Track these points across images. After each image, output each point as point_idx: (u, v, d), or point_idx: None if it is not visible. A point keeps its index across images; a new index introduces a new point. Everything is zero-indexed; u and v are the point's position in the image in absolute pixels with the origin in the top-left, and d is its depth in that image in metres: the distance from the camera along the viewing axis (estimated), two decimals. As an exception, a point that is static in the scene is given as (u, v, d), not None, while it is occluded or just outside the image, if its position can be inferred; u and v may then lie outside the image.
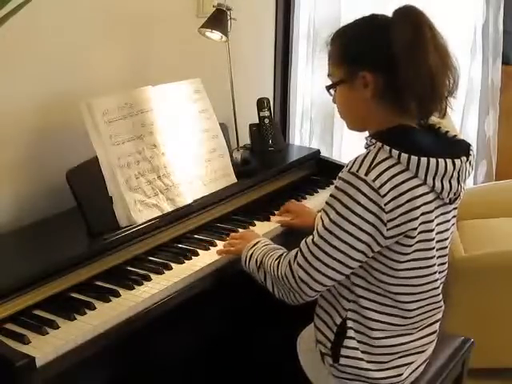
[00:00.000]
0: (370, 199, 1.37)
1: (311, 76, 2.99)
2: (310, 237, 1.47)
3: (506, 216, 2.93)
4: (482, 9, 3.62)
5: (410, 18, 1.44)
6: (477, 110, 3.76)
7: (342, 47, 1.52)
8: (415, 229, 1.41)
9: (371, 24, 1.51)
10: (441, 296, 1.58)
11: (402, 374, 1.57)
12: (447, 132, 1.55)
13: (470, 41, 3.62)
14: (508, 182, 3.11)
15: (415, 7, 1.45)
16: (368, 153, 1.42)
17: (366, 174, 1.38)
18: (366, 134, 1.54)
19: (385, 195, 1.37)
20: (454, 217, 1.56)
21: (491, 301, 2.47)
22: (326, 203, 1.45)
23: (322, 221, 1.45)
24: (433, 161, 1.40)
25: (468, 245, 2.54)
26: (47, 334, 1.41)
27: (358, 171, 1.39)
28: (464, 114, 3.71)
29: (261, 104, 2.51)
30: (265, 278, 1.58)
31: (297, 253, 1.49)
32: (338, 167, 2.29)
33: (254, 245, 1.67)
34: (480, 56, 3.67)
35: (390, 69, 1.42)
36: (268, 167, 2.31)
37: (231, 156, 2.14)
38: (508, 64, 3.82)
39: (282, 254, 1.56)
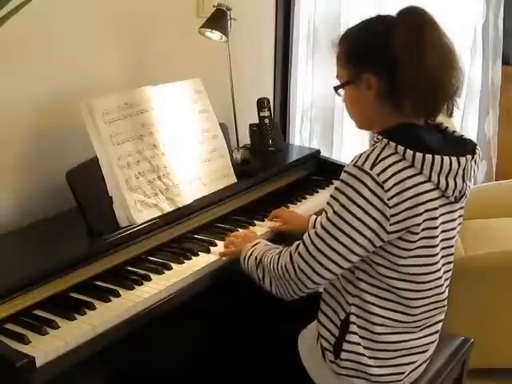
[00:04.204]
0: (374, 193, 1.39)
1: (311, 76, 2.99)
2: (314, 229, 1.49)
3: (506, 216, 2.93)
4: (482, 9, 3.62)
5: (411, 18, 1.45)
6: (477, 110, 3.76)
7: (346, 49, 1.54)
8: (418, 225, 1.43)
9: (374, 26, 1.52)
10: (445, 295, 1.59)
11: (402, 373, 1.57)
12: (454, 132, 1.56)
13: (469, 41, 3.62)
14: (508, 182, 3.11)
15: (419, 8, 1.46)
16: (374, 148, 1.44)
17: (371, 168, 1.40)
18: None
19: (388, 190, 1.38)
20: (461, 216, 1.57)
21: (491, 301, 2.47)
22: (331, 196, 1.47)
23: (326, 213, 1.46)
24: (437, 158, 1.41)
25: (468, 245, 2.54)
26: (47, 334, 1.41)
27: (363, 165, 1.41)
28: (464, 114, 3.71)
29: (261, 104, 2.51)
30: (263, 276, 1.60)
31: (298, 244, 1.51)
32: (338, 167, 2.29)
33: (255, 244, 1.70)
34: (480, 56, 3.67)
35: (392, 70, 1.44)
36: (268, 167, 2.31)
37: (231, 156, 2.14)
38: (508, 64, 3.82)
39: (282, 250, 1.59)
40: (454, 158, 1.44)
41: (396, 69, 1.42)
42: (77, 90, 1.95)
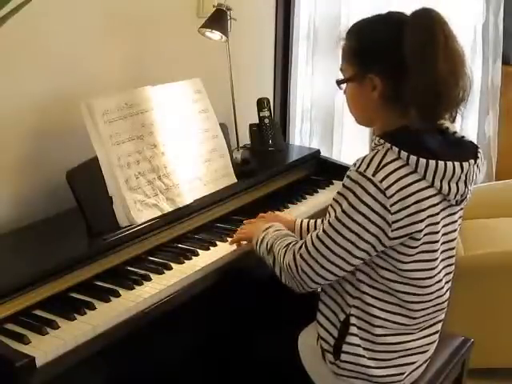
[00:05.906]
0: (376, 200, 1.38)
1: (311, 76, 2.99)
2: (316, 231, 1.49)
3: (506, 216, 2.93)
4: (482, 9, 3.62)
5: (424, 21, 1.41)
6: (477, 110, 3.76)
7: (354, 46, 1.51)
8: (421, 231, 1.42)
9: (385, 23, 1.49)
10: (446, 297, 1.59)
11: (402, 374, 1.57)
12: (455, 133, 1.54)
13: (470, 41, 3.62)
14: (508, 182, 3.11)
15: (433, 10, 1.43)
16: (376, 153, 1.42)
17: (374, 175, 1.38)
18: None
19: (391, 196, 1.38)
20: (461, 217, 1.57)
21: (491, 301, 2.47)
22: (333, 200, 1.47)
23: (329, 217, 1.46)
24: (441, 164, 1.40)
25: (468, 245, 2.54)
26: (47, 334, 1.41)
27: (365, 171, 1.40)
28: (464, 114, 3.70)
29: (261, 104, 2.51)
30: (273, 263, 1.60)
31: (301, 245, 1.51)
32: (338, 167, 2.32)
33: (267, 229, 1.69)
34: (480, 56, 3.67)
35: (398, 74, 1.41)
36: (268, 167, 2.31)
37: (231, 156, 2.14)
38: (508, 64, 3.82)
39: (290, 243, 1.58)
40: (457, 164, 1.42)
41: (404, 71, 1.39)
42: (77, 90, 1.95)
